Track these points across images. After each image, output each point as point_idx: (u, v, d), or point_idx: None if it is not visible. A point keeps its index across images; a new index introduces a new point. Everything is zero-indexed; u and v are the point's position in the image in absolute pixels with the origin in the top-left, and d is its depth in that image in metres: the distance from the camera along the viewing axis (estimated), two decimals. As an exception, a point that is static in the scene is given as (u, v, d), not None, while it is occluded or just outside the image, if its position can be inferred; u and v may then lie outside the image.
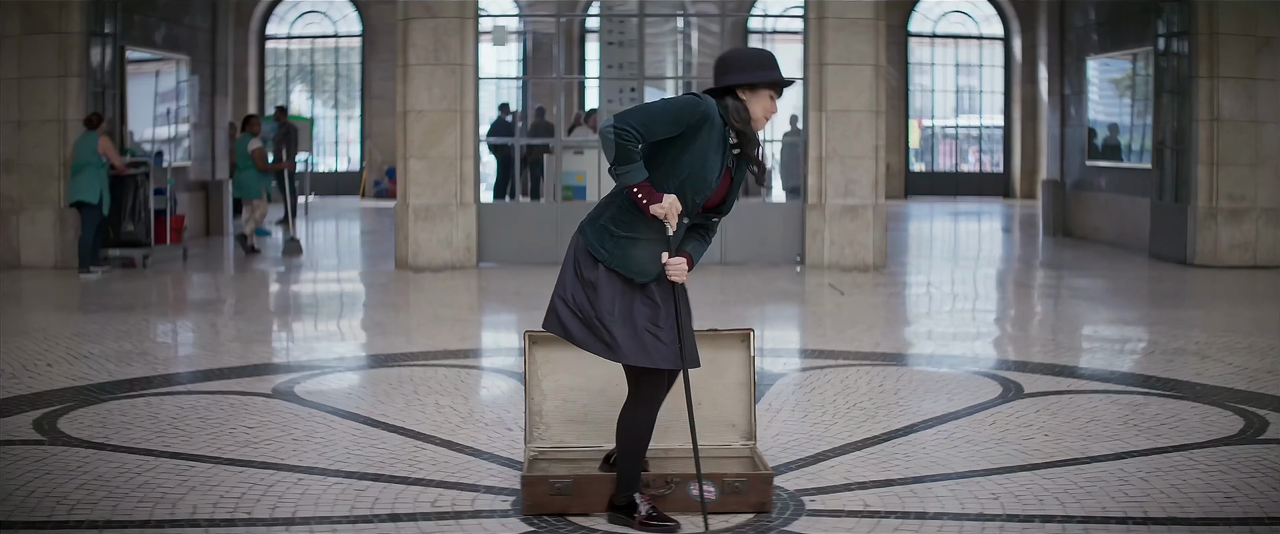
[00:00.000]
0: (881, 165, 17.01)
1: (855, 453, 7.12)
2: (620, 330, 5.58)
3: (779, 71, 5.70)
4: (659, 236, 5.59)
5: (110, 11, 17.81)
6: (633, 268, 5.60)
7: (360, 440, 7.43)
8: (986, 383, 9.16)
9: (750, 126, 5.66)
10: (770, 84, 5.65)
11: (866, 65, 16.72)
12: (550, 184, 19.03)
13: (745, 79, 5.62)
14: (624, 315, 5.60)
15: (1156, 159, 18.44)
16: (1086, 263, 18.10)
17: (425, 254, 16.77)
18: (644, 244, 5.60)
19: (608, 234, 5.63)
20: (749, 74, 5.63)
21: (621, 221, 5.62)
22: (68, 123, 16.99)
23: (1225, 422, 7.86)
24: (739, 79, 5.63)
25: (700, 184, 5.58)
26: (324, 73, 35.12)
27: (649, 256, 5.60)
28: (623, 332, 5.59)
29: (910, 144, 34.83)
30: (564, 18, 18.05)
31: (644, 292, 5.62)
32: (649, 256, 5.60)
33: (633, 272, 5.60)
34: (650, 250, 5.60)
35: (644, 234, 5.59)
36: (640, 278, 5.60)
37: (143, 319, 12.69)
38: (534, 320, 12.15)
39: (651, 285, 5.63)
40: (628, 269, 5.60)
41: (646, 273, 5.61)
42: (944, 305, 13.93)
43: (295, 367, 9.94)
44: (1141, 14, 19.36)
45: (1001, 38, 34.31)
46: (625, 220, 5.62)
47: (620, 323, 5.59)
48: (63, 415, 7.95)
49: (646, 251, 5.60)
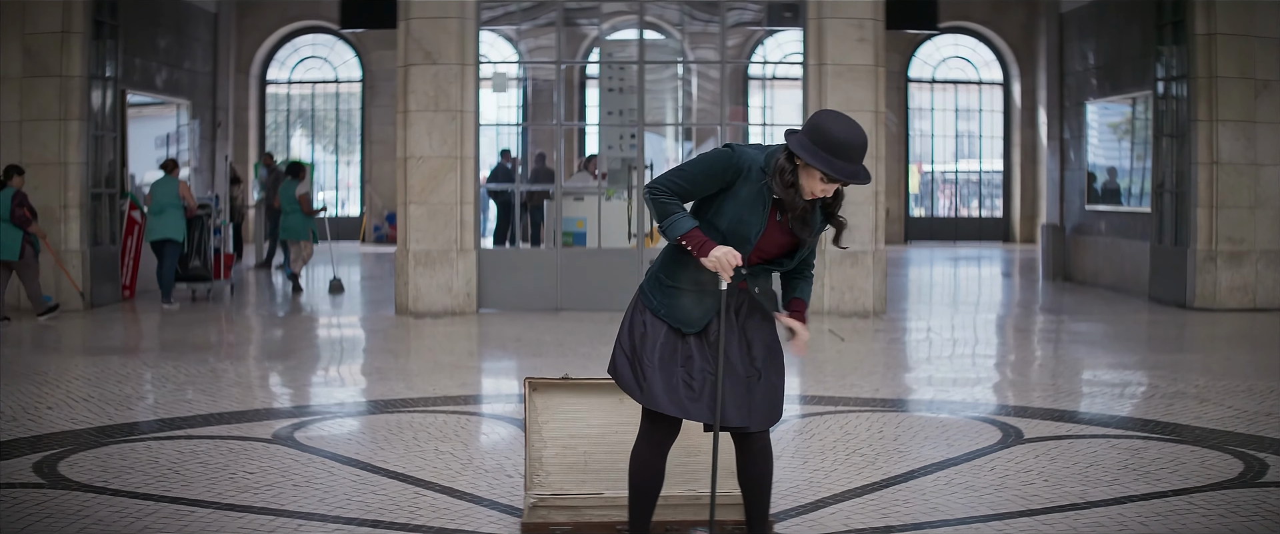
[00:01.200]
0: (881, 211, 17.03)
1: (855, 499, 7.12)
2: (653, 374, 5.57)
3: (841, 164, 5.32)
4: (708, 289, 5.56)
5: (111, 55, 17.89)
6: (679, 317, 5.60)
7: (360, 486, 7.42)
8: (986, 428, 9.15)
9: (789, 192, 5.41)
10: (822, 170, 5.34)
11: (866, 111, 16.74)
12: (550, 230, 19.05)
13: (800, 150, 5.34)
14: (664, 362, 5.58)
15: (1156, 202, 18.47)
16: (1086, 307, 18.10)
17: (425, 300, 16.78)
18: (691, 295, 5.60)
19: (658, 283, 5.66)
20: (808, 149, 5.33)
21: (670, 272, 5.64)
22: (69, 165, 17.05)
23: (1225, 465, 7.85)
24: (796, 146, 5.36)
25: (739, 238, 5.49)
26: (324, 118, 35.17)
27: (695, 306, 5.59)
28: (655, 376, 5.57)
29: (910, 189, 34.86)
30: (564, 64, 18.08)
31: (688, 341, 5.61)
32: (695, 306, 5.59)
33: (679, 321, 5.60)
34: (697, 301, 5.59)
35: (690, 286, 5.59)
36: (686, 328, 5.59)
37: (143, 362, 12.70)
38: (534, 367, 12.19)
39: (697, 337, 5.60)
40: (674, 318, 5.60)
41: (692, 323, 5.59)
42: (944, 351, 13.93)
43: (296, 412, 9.94)
44: (1140, 58, 19.44)
45: (1001, 83, 34.38)
46: (673, 271, 5.63)
47: (658, 368, 5.57)
48: (63, 459, 7.95)
49: (693, 302, 5.59)
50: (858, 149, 5.31)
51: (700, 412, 5.55)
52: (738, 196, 5.46)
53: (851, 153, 5.31)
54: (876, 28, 16.87)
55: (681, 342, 5.59)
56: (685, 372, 5.57)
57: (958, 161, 35.51)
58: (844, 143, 5.30)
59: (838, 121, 5.35)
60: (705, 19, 18.94)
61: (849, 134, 5.31)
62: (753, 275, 5.63)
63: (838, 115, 5.37)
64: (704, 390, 5.55)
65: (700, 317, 5.58)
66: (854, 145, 5.31)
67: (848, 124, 5.32)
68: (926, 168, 35.48)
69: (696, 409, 5.55)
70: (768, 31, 26.53)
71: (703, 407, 5.55)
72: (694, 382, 5.57)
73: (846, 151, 5.30)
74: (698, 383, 5.57)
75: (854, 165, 5.33)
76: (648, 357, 5.59)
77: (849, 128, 5.34)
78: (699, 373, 5.57)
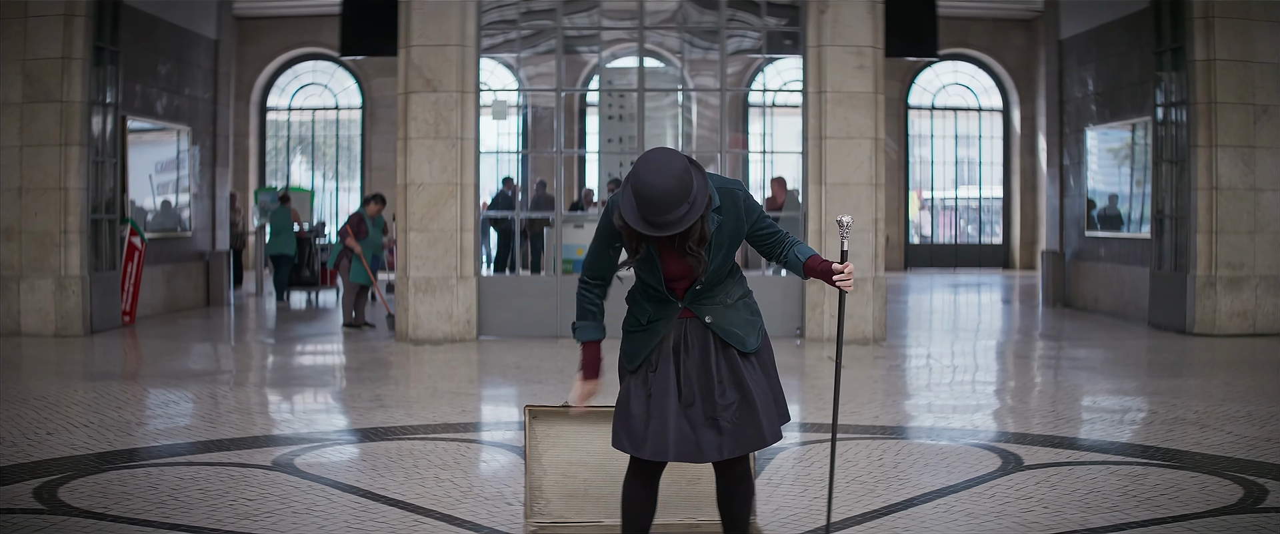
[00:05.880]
0: (881, 238, 17.04)
1: (855, 527, 7.11)
2: (618, 414, 5.60)
3: (651, 219, 5.25)
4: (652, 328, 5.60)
5: (112, 81, 17.94)
6: (629, 355, 5.64)
7: (360, 514, 7.41)
8: (986, 455, 9.15)
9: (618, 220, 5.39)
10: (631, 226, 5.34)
11: (866, 138, 16.78)
12: (550, 257, 19.06)
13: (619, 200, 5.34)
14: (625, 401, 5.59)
15: (1155, 228, 18.49)
16: (1086, 333, 18.10)
17: (425, 327, 16.78)
18: (636, 334, 5.65)
19: (624, 333, 5.72)
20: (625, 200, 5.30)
21: (626, 318, 5.73)
22: (69, 191, 17.08)
23: (1224, 491, 7.85)
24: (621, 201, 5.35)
25: (649, 276, 5.56)
26: (324, 144, 35.21)
27: (639, 344, 5.62)
28: (621, 413, 5.59)
29: (910, 216, 34.89)
30: (564, 92, 18.10)
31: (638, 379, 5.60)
32: (639, 344, 5.62)
33: (629, 360, 5.63)
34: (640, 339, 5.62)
35: (635, 327, 5.66)
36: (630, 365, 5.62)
37: (144, 388, 12.70)
38: (534, 394, 12.19)
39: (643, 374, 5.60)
40: (627, 357, 5.64)
41: (633, 359, 5.61)
42: (944, 378, 13.92)
43: (295, 439, 9.93)
44: (1140, 84, 19.47)
45: (1001, 109, 34.46)
46: (628, 316, 5.72)
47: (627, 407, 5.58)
48: (63, 484, 7.94)
49: (639, 340, 5.63)
50: (660, 202, 5.21)
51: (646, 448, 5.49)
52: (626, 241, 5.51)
53: (653, 206, 5.21)
54: (876, 55, 16.90)
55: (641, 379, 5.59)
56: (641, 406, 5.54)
57: (957, 188, 35.57)
58: (646, 198, 5.20)
59: (647, 168, 5.24)
60: (705, 46, 18.99)
61: (651, 186, 5.20)
62: (694, 301, 5.59)
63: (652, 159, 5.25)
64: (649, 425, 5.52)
65: (639, 351, 5.60)
66: (653, 200, 5.20)
67: (655, 174, 5.20)
68: (926, 194, 35.54)
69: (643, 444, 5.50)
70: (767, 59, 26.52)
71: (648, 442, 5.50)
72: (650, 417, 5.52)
73: (649, 205, 5.21)
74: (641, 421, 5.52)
75: (661, 217, 5.24)
76: (618, 398, 5.62)
77: (654, 179, 5.21)
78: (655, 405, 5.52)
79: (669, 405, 5.49)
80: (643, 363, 5.58)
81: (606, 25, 18.44)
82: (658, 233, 5.27)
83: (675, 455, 5.48)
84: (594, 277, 5.62)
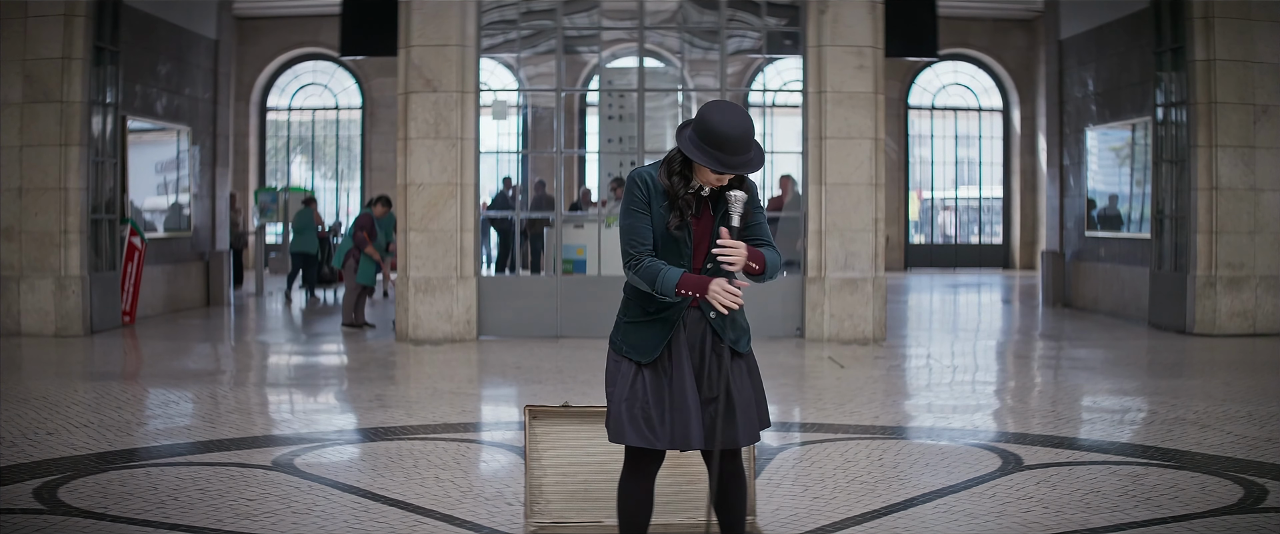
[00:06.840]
0: (881, 238, 17.04)
1: (855, 527, 7.11)
2: (619, 409, 5.58)
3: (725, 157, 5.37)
4: (660, 317, 5.58)
5: (112, 81, 17.94)
6: (638, 348, 5.60)
7: (360, 514, 7.41)
8: (986, 455, 9.15)
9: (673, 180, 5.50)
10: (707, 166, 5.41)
11: (866, 138, 16.78)
12: (550, 257, 19.05)
13: (686, 147, 5.43)
14: (630, 396, 5.58)
15: (1155, 228, 18.49)
16: (1086, 333, 18.10)
17: (425, 327, 16.78)
18: (644, 325, 5.61)
19: (619, 325, 5.69)
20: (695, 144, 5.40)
21: (626, 309, 5.68)
22: (69, 191, 17.09)
23: (1224, 491, 7.85)
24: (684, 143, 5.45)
25: (673, 251, 5.54)
26: (324, 144, 35.21)
27: (650, 336, 5.59)
28: (621, 410, 5.58)
29: (910, 216, 34.88)
30: (564, 92, 18.10)
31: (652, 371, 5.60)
32: (650, 336, 5.59)
33: (639, 353, 5.60)
34: (651, 330, 5.60)
35: (641, 317, 5.62)
36: (643, 357, 5.58)
37: (144, 388, 12.70)
38: (534, 394, 12.19)
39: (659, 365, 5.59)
40: (635, 350, 5.60)
41: (646, 353, 5.59)
42: (944, 378, 13.92)
43: (295, 439, 9.92)
44: (1140, 84, 19.47)
45: (1001, 109, 34.45)
46: (628, 307, 5.68)
47: (624, 402, 5.57)
48: (63, 484, 7.94)
49: (648, 331, 5.60)
50: (739, 141, 5.36)
51: (665, 439, 5.52)
52: (657, 212, 5.52)
53: (733, 145, 5.35)
54: (876, 55, 16.90)
55: (644, 373, 5.58)
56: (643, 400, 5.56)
57: (958, 188, 35.57)
58: (726, 137, 5.33)
59: (721, 113, 5.41)
60: (705, 46, 18.98)
61: (729, 127, 5.35)
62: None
63: (723, 106, 5.43)
64: (665, 417, 5.53)
65: (654, 343, 5.58)
66: (733, 138, 5.34)
67: (731, 116, 5.37)
68: (926, 194, 35.53)
69: (661, 435, 5.53)
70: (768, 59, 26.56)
71: (666, 433, 5.52)
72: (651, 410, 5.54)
73: (728, 144, 5.35)
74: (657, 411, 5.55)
75: (738, 157, 5.38)
76: (619, 396, 5.59)
77: (731, 120, 5.38)
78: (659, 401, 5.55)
79: (688, 396, 5.52)
80: (660, 354, 5.58)
81: (606, 25, 18.44)
82: (733, 171, 5.37)
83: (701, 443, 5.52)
84: (643, 242, 5.52)
